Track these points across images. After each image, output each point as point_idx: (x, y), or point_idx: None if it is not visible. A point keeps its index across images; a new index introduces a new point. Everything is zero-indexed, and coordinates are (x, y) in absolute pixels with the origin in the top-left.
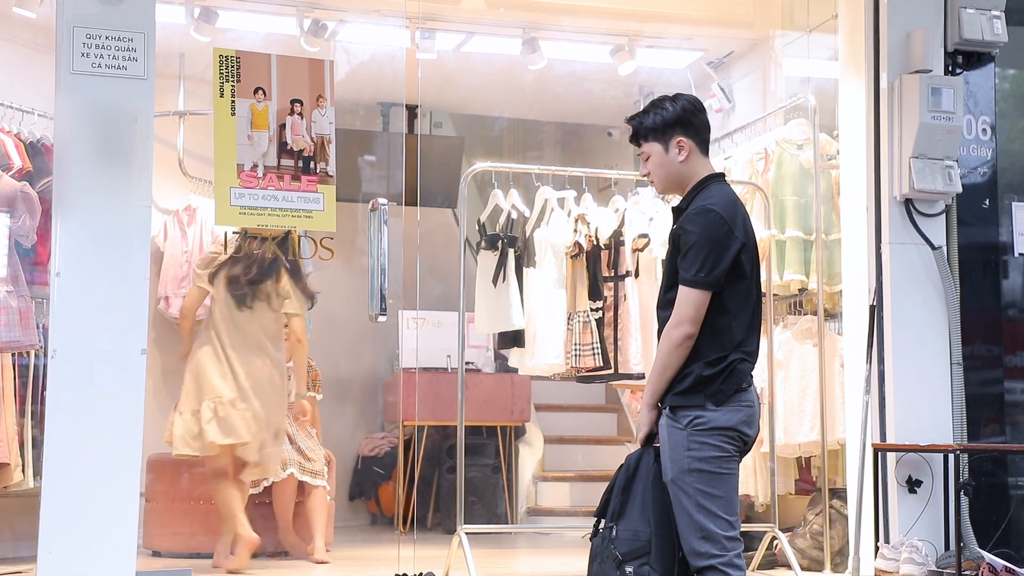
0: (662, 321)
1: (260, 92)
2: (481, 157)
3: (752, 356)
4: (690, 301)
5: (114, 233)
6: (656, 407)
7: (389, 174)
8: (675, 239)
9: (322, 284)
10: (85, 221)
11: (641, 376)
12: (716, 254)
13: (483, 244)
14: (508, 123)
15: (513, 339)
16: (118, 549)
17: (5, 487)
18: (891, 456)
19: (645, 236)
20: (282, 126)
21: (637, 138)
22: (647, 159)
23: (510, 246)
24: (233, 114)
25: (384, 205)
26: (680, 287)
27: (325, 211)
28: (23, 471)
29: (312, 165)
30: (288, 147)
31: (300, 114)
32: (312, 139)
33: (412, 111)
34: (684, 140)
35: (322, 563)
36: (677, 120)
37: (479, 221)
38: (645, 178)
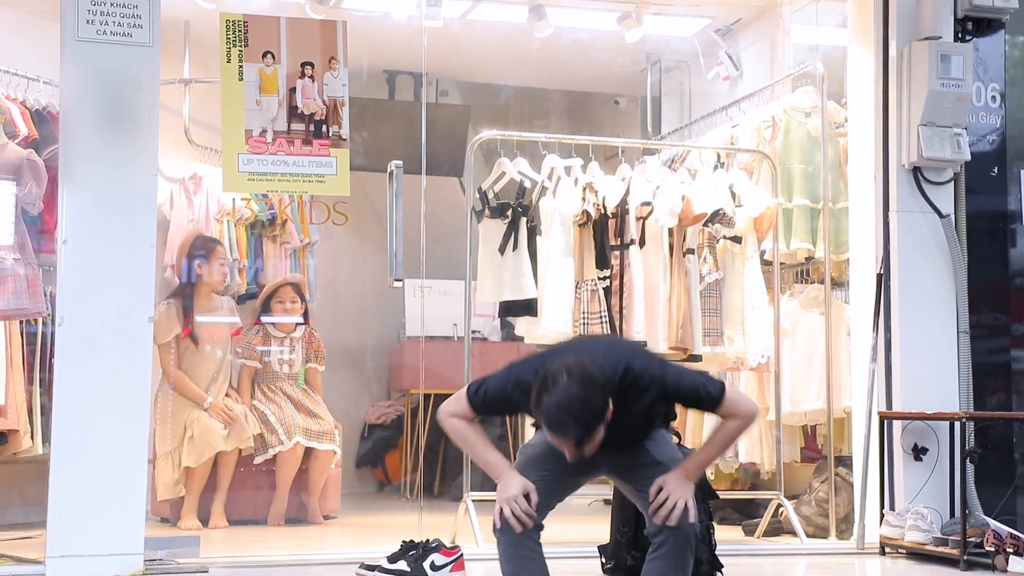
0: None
1: (269, 56)
2: (487, 125)
3: None
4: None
5: (120, 201)
6: None
7: (395, 143)
8: (663, 414)
9: (328, 253)
10: (91, 189)
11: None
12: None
13: (487, 212)
14: (514, 91)
15: (526, 307)
16: (127, 515)
17: (14, 453)
18: (897, 424)
19: (648, 204)
20: (292, 90)
21: (588, 436)
22: (589, 443)
23: (523, 215)
24: (241, 79)
25: (399, 167)
26: (721, 402)
27: (338, 175)
28: (32, 437)
29: (324, 129)
30: (299, 111)
31: (311, 77)
32: (324, 102)
33: (418, 79)
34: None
35: (317, 524)
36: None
37: (480, 189)
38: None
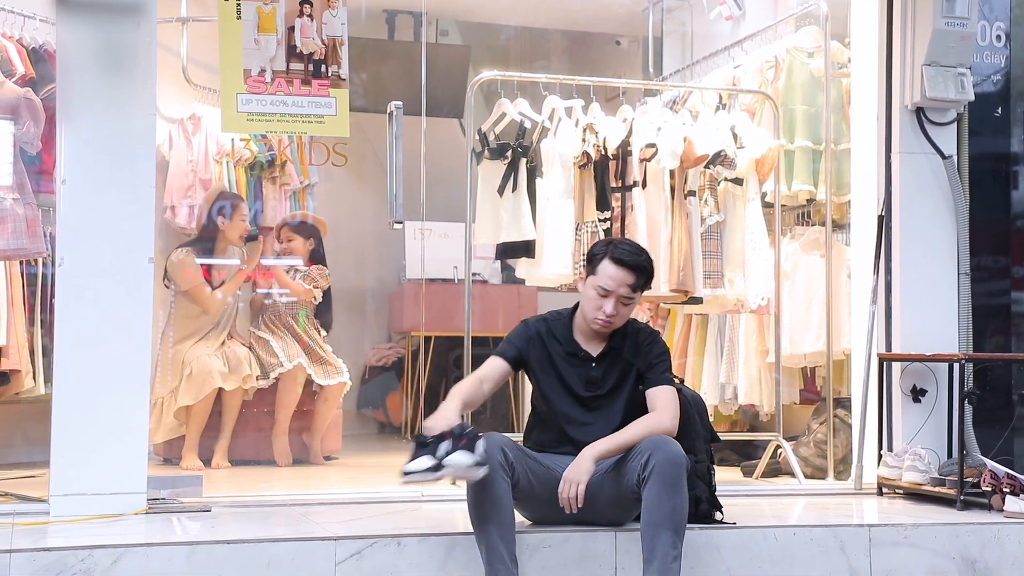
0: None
1: None
2: (487, 66)
3: None
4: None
5: (119, 141)
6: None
7: (395, 83)
8: (648, 355)
9: (328, 195)
10: (90, 129)
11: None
12: None
13: (487, 153)
14: (515, 31)
15: (524, 249)
16: (129, 454)
17: (17, 393)
18: (896, 366)
19: (652, 146)
20: (291, 29)
21: (641, 286)
22: (627, 303)
23: (523, 156)
24: (239, 17)
25: (399, 108)
26: (665, 387)
27: (338, 116)
28: (34, 378)
29: (323, 69)
30: (297, 50)
31: (310, 16)
32: (323, 41)
33: (417, 19)
34: None
35: (318, 465)
36: None
37: (480, 130)
38: (610, 319)
